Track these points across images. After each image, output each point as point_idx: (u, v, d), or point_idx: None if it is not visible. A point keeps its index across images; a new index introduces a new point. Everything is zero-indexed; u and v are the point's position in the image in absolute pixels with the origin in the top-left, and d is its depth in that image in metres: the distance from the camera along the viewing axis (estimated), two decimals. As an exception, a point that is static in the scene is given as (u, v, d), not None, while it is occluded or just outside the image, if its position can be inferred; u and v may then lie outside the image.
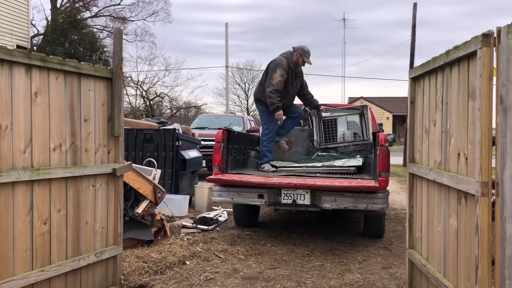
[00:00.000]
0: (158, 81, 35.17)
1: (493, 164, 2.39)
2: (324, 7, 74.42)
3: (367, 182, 4.98)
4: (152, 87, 34.79)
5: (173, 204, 6.67)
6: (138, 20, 34.55)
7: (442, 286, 2.95)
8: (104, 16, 32.99)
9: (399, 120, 44.96)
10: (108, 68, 3.74)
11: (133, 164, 4.73)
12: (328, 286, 4.09)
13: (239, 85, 47.39)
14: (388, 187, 5.05)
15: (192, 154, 8.20)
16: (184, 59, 59.82)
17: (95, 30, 30.38)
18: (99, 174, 3.60)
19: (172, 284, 4.03)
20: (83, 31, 25.84)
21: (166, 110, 36.49)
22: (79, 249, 3.45)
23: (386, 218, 6.41)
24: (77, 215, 3.42)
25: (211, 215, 6.78)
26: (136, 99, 34.45)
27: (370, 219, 5.81)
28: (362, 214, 6.07)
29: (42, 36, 27.98)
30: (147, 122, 8.51)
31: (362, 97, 40.70)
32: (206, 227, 6.07)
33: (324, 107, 7.02)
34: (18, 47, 15.99)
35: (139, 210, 5.18)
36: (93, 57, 25.37)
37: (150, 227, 5.31)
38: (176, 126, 8.36)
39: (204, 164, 9.76)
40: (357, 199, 4.94)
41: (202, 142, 9.76)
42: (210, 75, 72.59)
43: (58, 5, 29.72)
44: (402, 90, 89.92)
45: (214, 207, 7.55)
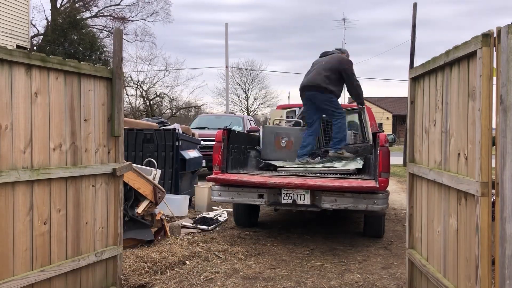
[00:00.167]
0: (158, 81, 35.21)
1: (493, 164, 2.39)
2: (324, 7, 74.45)
3: (367, 183, 4.98)
4: (152, 87, 34.82)
5: (173, 204, 6.67)
6: (138, 20, 34.61)
7: (442, 286, 2.95)
8: (104, 16, 33.01)
9: (399, 120, 44.95)
10: (108, 68, 3.74)
11: (133, 164, 4.73)
12: (328, 286, 4.09)
13: (239, 85, 47.48)
14: (388, 187, 5.04)
15: (192, 154, 8.20)
16: (184, 59, 59.98)
17: (95, 30, 30.41)
18: (99, 174, 3.60)
19: (172, 284, 4.03)
20: (83, 31, 25.85)
21: (166, 110, 36.50)
22: (79, 249, 3.45)
23: (386, 218, 6.41)
24: (77, 215, 3.42)
25: (211, 215, 6.78)
26: (136, 99, 34.49)
27: (370, 219, 5.81)
28: (362, 214, 6.07)
29: (42, 36, 27.99)
30: (147, 122, 8.51)
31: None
32: (206, 227, 6.07)
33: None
34: (18, 47, 15.99)
35: (139, 210, 5.18)
36: (93, 57, 25.38)
37: (150, 227, 5.31)
38: (176, 126, 8.36)
39: (204, 164, 9.76)
40: (357, 199, 4.94)
41: (202, 142, 9.76)
42: (210, 75, 72.77)
43: (58, 5, 29.72)
44: (402, 90, 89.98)
45: (214, 207, 7.55)
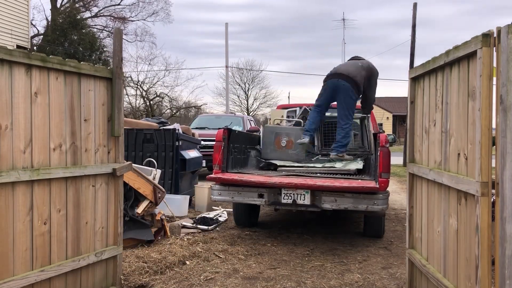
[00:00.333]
0: (158, 81, 35.21)
1: (493, 164, 2.39)
2: (324, 7, 74.45)
3: (368, 183, 4.98)
4: (152, 87, 34.82)
5: (173, 204, 6.67)
6: (138, 20, 34.61)
7: (442, 286, 2.95)
8: (104, 16, 33.01)
9: (399, 120, 44.95)
10: (108, 68, 3.74)
11: (133, 164, 4.73)
12: (328, 286, 4.09)
13: (239, 85, 47.46)
14: (388, 188, 5.04)
15: (192, 154, 8.20)
16: (184, 59, 59.91)
17: (95, 30, 30.39)
18: (99, 174, 3.60)
19: (172, 284, 4.03)
20: (83, 31, 25.83)
21: (166, 110, 36.50)
22: (79, 249, 3.45)
23: (386, 218, 6.42)
24: (77, 215, 3.42)
25: (211, 215, 6.78)
26: (136, 99, 34.49)
27: (370, 219, 5.81)
28: (362, 214, 6.07)
29: (42, 36, 27.98)
30: (147, 122, 8.51)
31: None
32: (206, 227, 6.07)
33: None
34: (18, 47, 15.99)
35: (139, 210, 5.18)
36: (93, 57, 25.37)
37: (150, 227, 5.31)
38: (176, 126, 8.36)
39: (204, 164, 9.76)
40: (357, 199, 4.94)
41: (202, 142, 9.75)
42: (210, 75, 72.71)
43: (58, 5, 29.72)
44: (402, 90, 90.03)
45: (214, 207, 7.55)
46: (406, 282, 3.87)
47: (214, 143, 5.71)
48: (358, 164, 6.02)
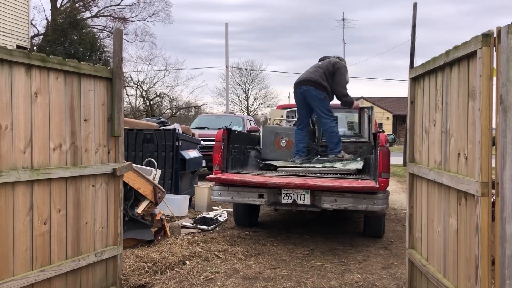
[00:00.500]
0: (158, 81, 35.24)
1: (493, 164, 2.39)
2: (324, 7, 74.51)
3: (367, 183, 4.98)
4: (152, 87, 34.85)
5: (173, 204, 6.67)
6: (138, 20, 34.61)
7: (442, 286, 2.95)
8: (104, 16, 33.02)
9: (399, 120, 44.96)
10: (108, 68, 3.74)
11: (133, 164, 4.73)
12: (328, 286, 4.09)
13: (239, 85, 47.49)
14: (388, 187, 5.04)
15: (192, 154, 8.20)
16: (184, 59, 59.93)
17: (95, 30, 30.40)
18: (99, 174, 3.60)
19: (172, 284, 4.03)
20: (83, 31, 25.84)
21: (166, 110, 36.51)
22: (79, 249, 3.45)
23: (386, 218, 6.41)
24: (77, 215, 3.42)
25: (211, 215, 6.78)
26: (136, 99, 34.52)
27: (370, 219, 5.80)
28: (362, 214, 6.07)
29: (42, 36, 27.99)
30: (147, 122, 8.51)
31: (362, 97, 40.68)
32: (206, 227, 6.07)
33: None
34: (18, 47, 15.99)
35: (139, 210, 5.18)
36: (93, 57, 25.38)
37: (150, 227, 5.31)
38: (176, 126, 8.36)
39: (204, 164, 9.76)
40: (357, 199, 4.94)
41: (202, 142, 9.75)
42: (210, 75, 72.76)
43: (58, 5, 29.73)
44: (402, 90, 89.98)
45: (214, 207, 7.55)
46: (406, 282, 3.87)
47: (214, 143, 5.71)
48: (358, 164, 6.02)
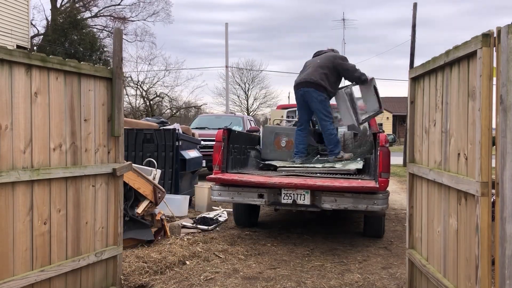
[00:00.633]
0: (158, 81, 35.24)
1: (493, 164, 2.39)
2: (324, 6, 74.53)
3: (367, 183, 4.98)
4: (152, 87, 34.85)
5: (173, 204, 6.67)
6: (138, 20, 34.61)
7: (442, 286, 2.95)
8: (104, 16, 33.02)
9: (399, 120, 44.96)
10: (108, 68, 3.74)
11: (133, 164, 4.73)
12: (328, 286, 4.09)
13: (239, 85, 47.48)
14: (388, 187, 5.04)
15: (192, 154, 8.20)
16: (184, 59, 59.91)
17: (95, 30, 30.41)
18: (99, 174, 3.60)
19: (172, 284, 4.03)
20: (83, 31, 25.85)
21: (166, 110, 36.51)
22: (79, 249, 3.45)
23: (386, 218, 6.41)
24: (77, 215, 3.42)
25: (211, 215, 6.78)
26: (136, 99, 34.52)
27: (370, 219, 5.80)
28: (362, 214, 6.07)
29: (42, 36, 27.98)
30: (147, 122, 8.51)
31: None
32: (206, 227, 6.07)
33: None
34: (18, 47, 15.99)
35: (139, 210, 5.18)
36: (93, 57, 25.38)
37: (150, 227, 5.31)
38: (176, 126, 8.36)
39: (204, 164, 9.76)
40: (357, 199, 4.94)
41: (202, 142, 9.75)
42: (210, 75, 72.78)
43: (58, 5, 29.73)
44: (402, 90, 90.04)
45: (214, 207, 7.55)
46: (406, 282, 3.87)
47: (214, 143, 5.71)
48: (358, 164, 6.02)
